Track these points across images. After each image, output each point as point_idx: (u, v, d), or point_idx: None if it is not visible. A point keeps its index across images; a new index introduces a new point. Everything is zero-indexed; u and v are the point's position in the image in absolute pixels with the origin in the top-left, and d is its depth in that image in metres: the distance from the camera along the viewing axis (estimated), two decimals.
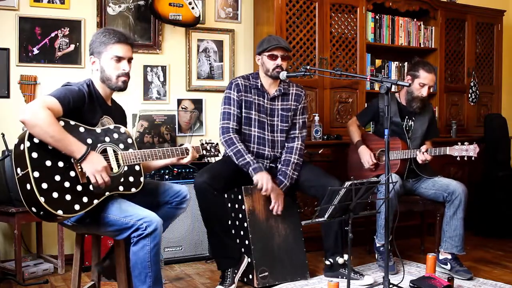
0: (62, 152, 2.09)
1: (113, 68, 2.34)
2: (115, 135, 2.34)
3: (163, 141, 3.91)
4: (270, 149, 3.17)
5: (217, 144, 2.74)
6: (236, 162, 3.03)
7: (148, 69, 3.95)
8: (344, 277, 3.03)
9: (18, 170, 2.04)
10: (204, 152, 2.67)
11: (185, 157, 2.53)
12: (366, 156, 3.51)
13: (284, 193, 3.10)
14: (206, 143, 2.70)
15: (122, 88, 2.40)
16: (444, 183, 3.40)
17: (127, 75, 2.38)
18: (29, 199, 2.03)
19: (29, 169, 2.00)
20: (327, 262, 3.15)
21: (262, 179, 3.00)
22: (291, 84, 3.28)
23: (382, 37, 4.50)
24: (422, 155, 3.29)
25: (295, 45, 4.05)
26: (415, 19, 4.69)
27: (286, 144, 3.21)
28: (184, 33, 4.07)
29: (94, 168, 2.12)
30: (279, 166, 3.15)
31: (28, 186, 2.01)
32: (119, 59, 2.35)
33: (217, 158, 2.97)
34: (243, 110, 3.12)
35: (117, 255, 2.33)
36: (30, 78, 3.57)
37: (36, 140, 2.06)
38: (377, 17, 4.46)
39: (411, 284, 2.90)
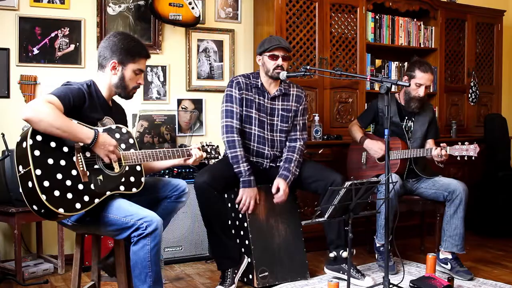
0: (71, 140, 2.12)
1: (133, 80, 2.42)
2: (117, 135, 2.35)
3: (163, 141, 3.91)
4: (269, 149, 3.17)
5: (217, 146, 2.74)
6: (232, 166, 3.03)
7: (148, 69, 3.95)
8: (346, 273, 3.02)
9: (20, 167, 2.04)
10: (205, 154, 2.66)
11: (190, 158, 2.54)
12: (376, 145, 3.46)
13: (289, 187, 3.09)
14: (206, 145, 2.69)
15: (130, 98, 2.49)
16: (445, 182, 3.40)
17: (140, 86, 2.50)
18: (30, 197, 2.03)
19: (31, 166, 2.01)
20: (331, 255, 3.14)
21: (245, 196, 3.00)
22: (292, 84, 3.28)
23: (382, 37, 4.50)
24: (439, 151, 3.23)
25: (295, 45, 4.05)
26: (415, 19, 4.69)
27: (287, 144, 3.21)
28: (184, 33, 4.07)
29: (106, 150, 2.19)
30: (281, 163, 3.15)
31: (30, 184, 2.01)
32: (140, 72, 2.44)
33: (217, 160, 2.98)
34: (244, 108, 3.11)
35: (117, 255, 2.33)
36: (30, 78, 3.57)
37: (38, 138, 2.07)
38: (377, 17, 4.46)
39: (411, 284, 2.90)
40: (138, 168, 2.37)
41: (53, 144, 2.09)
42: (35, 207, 2.05)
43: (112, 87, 2.41)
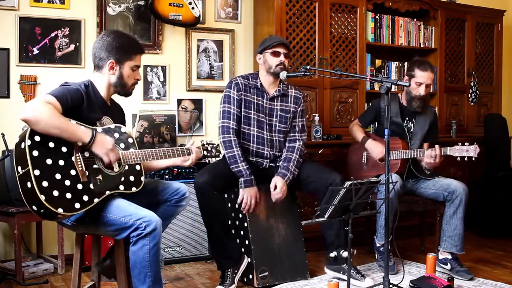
0: (69, 140, 2.11)
1: (131, 77, 2.43)
2: (116, 135, 2.35)
3: (163, 141, 3.91)
4: (269, 149, 3.16)
5: (218, 145, 2.74)
6: (229, 167, 3.02)
7: (148, 69, 3.95)
8: (346, 274, 3.02)
9: (19, 168, 2.04)
10: (205, 152, 2.66)
11: (188, 159, 2.53)
12: (378, 149, 3.46)
13: (288, 185, 3.09)
14: (207, 143, 2.69)
15: (130, 94, 2.50)
16: (445, 183, 3.40)
17: (138, 82, 2.51)
18: (29, 197, 2.03)
19: (30, 167, 2.01)
20: (332, 255, 3.12)
21: (247, 196, 2.98)
22: (290, 86, 3.28)
23: (382, 37, 4.50)
24: (430, 151, 3.23)
25: (295, 45, 4.05)
26: (415, 19, 4.69)
27: (287, 144, 3.20)
28: (184, 33, 4.07)
29: (105, 148, 2.18)
30: (281, 163, 3.14)
31: (29, 184, 2.01)
32: (137, 68, 2.45)
33: (217, 159, 2.97)
34: (243, 109, 3.11)
35: (117, 255, 2.33)
36: (30, 78, 3.57)
37: (37, 139, 2.06)
38: (377, 17, 4.46)
39: (411, 284, 2.90)
40: (137, 167, 2.37)
41: (51, 144, 2.09)
42: (34, 207, 2.05)
43: (111, 86, 2.41)
